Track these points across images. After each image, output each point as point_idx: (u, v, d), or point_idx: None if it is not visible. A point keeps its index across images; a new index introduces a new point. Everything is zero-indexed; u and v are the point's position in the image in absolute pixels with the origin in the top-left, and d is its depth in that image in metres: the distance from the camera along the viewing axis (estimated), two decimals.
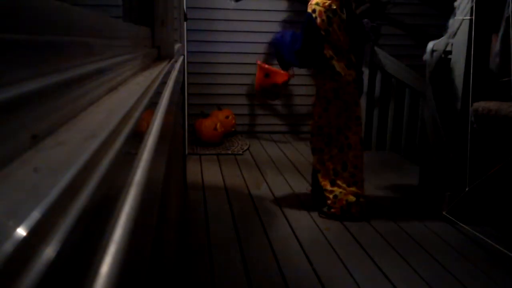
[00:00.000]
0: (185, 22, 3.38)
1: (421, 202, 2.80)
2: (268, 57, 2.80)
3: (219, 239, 2.25)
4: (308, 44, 2.44)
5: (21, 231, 0.19)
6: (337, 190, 2.50)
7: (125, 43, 0.84)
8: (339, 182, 2.51)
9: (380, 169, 3.50)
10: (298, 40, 2.48)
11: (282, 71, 2.69)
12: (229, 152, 3.90)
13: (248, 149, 4.03)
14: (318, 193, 2.60)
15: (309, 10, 2.46)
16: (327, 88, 2.48)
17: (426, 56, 2.70)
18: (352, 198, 2.48)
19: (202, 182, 3.12)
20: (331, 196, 2.51)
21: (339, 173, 2.51)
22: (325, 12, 2.41)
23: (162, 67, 1.06)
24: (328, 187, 2.53)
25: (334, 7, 2.42)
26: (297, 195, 2.89)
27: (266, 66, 2.79)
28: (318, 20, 2.42)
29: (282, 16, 4.42)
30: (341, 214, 2.48)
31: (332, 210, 2.51)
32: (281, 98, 2.80)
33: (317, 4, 2.43)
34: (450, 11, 2.60)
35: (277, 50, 2.59)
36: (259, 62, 2.82)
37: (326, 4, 2.42)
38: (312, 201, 2.67)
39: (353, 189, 2.50)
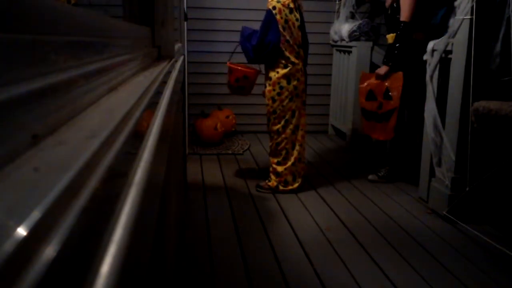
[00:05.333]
0: (185, 22, 3.38)
1: (421, 201, 2.80)
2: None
3: (219, 239, 2.25)
4: (263, 40, 2.76)
5: (21, 231, 0.19)
6: (281, 168, 2.91)
7: (125, 43, 0.84)
8: (286, 161, 2.91)
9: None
10: (255, 37, 2.80)
11: (240, 68, 3.00)
12: (230, 152, 3.90)
13: (248, 148, 4.03)
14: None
15: (270, 7, 2.78)
16: (280, 75, 2.82)
17: (427, 56, 2.70)
18: (290, 177, 2.92)
19: (202, 182, 3.12)
20: (274, 173, 2.93)
21: (289, 153, 2.91)
22: (283, 10, 2.77)
23: (162, 67, 1.06)
24: (274, 165, 2.93)
25: (292, 6, 2.81)
26: (297, 195, 2.89)
27: (230, 64, 3.04)
28: (278, 16, 2.76)
29: None
30: (276, 188, 2.91)
31: (269, 184, 2.94)
32: (250, 93, 3.14)
33: (278, 1, 2.78)
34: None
35: (241, 44, 2.90)
36: (227, 63, 3.06)
37: (286, 3, 2.78)
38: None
39: (296, 167, 2.92)
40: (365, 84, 3.11)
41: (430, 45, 2.66)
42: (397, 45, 2.90)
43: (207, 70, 4.46)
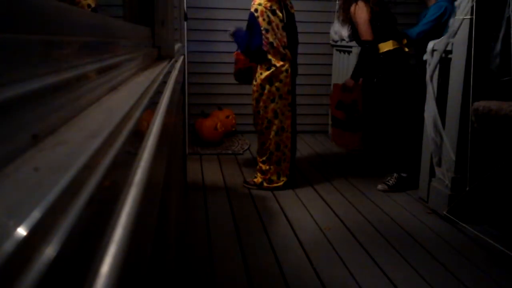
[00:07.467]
0: (185, 22, 3.38)
1: (421, 201, 2.80)
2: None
3: (219, 239, 2.25)
4: (250, 46, 2.83)
5: (21, 231, 0.19)
6: (266, 167, 2.95)
7: (125, 43, 0.84)
8: (270, 161, 2.95)
9: (380, 168, 3.49)
10: (243, 42, 2.87)
11: (243, 59, 3.05)
12: (230, 151, 3.90)
13: (248, 148, 4.03)
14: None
15: (252, 9, 2.80)
16: (263, 77, 2.85)
17: (426, 56, 2.70)
18: (274, 176, 2.96)
19: (203, 182, 3.12)
20: (260, 171, 2.98)
21: (273, 153, 2.94)
22: (265, 12, 2.76)
23: (162, 67, 1.06)
24: (260, 164, 2.99)
25: (274, 7, 2.79)
26: (297, 195, 2.89)
27: (235, 55, 3.13)
28: (260, 19, 2.77)
29: None
30: (260, 184, 2.97)
31: (255, 180, 3.00)
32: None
33: (259, 4, 2.78)
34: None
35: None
36: (234, 53, 3.16)
37: (268, 5, 2.77)
38: None
39: (280, 166, 2.96)
40: (335, 93, 3.28)
41: (430, 45, 2.66)
42: (363, 62, 2.98)
43: (207, 70, 4.46)
